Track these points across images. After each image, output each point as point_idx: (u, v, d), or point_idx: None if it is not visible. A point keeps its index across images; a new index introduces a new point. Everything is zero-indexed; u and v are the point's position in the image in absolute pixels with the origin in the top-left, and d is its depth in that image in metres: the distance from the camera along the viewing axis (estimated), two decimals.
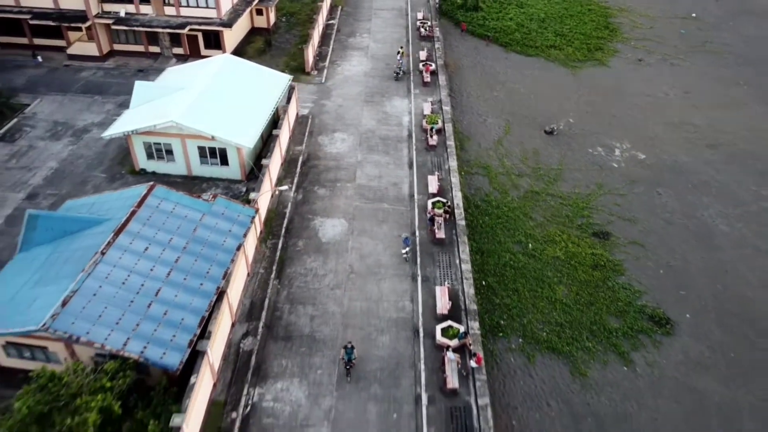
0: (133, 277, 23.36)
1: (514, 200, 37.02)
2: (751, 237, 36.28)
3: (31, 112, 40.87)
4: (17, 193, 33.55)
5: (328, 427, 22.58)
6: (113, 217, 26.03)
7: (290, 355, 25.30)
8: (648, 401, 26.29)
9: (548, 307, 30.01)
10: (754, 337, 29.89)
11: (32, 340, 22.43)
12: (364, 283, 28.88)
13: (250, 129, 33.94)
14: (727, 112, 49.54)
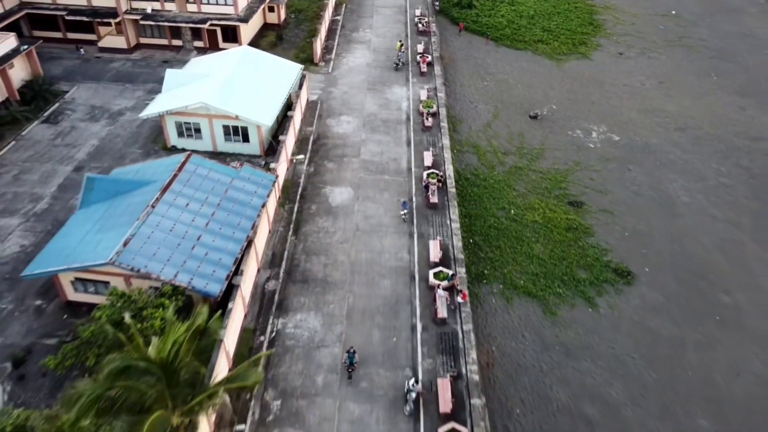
0: (178, 226, 28.30)
1: (499, 174, 41.97)
2: (709, 207, 41.24)
3: (71, 98, 45.81)
4: (66, 166, 38.47)
5: (339, 348, 27.54)
6: (157, 180, 30.96)
7: (307, 294, 30.25)
8: (608, 335, 31.24)
9: (526, 261, 34.97)
10: (705, 289, 34.81)
11: (97, 275, 27.33)
12: (369, 239, 33.83)
13: (268, 110, 38.87)
14: (697, 100, 54.45)
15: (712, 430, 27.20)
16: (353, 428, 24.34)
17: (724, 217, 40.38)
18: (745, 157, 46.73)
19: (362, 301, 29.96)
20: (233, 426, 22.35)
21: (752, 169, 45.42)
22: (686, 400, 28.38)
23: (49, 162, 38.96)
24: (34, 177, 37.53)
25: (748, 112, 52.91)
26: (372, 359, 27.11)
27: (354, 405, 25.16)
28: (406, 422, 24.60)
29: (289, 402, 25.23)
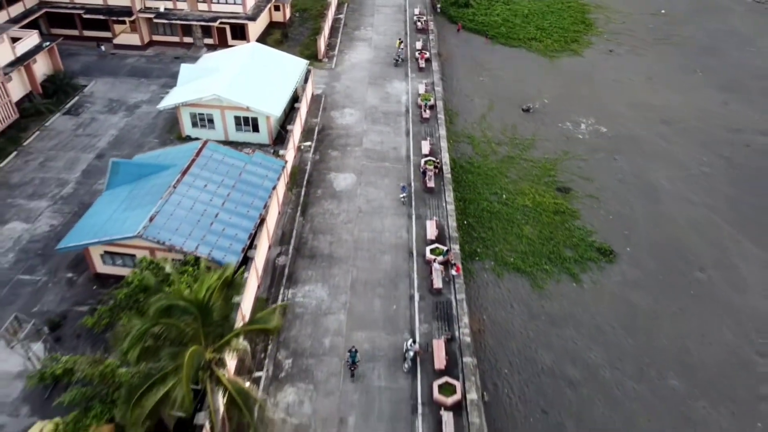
0: (198, 204, 31.11)
1: (492, 162, 44.79)
2: (688, 193, 44.05)
3: (89, 92, 48.62)
4: (88, 154, 41.28)
5: (345, 314, 30.37)
6: (177, 164, 33.76)
7: (314, 268, 33.06)
8: (590, 307, 34.05)
9: (516, 240, 37.78)
10: (681, 266, 37.61)
11: (124, 249, 30.13)
12: (370, 220, 36.65)
13: (277, 102, 41.67)
14: (683, 95, 57.24)
15: (683, 389, 29.98)
16: (358, 384, 27.15)
17: (703, 202, 43.19)
18: (726, 149, 49.51)
19: (365, 274, 32.79)
20: (251, 374, 25.13)
21: (732, 159, 48.21)
22: (660, 364, 31.17)
23: (73, 150, 41.77)
24: (59, 164, 40.34)
25: (730, 106, 55.70)
26: (374, 324, 29.94)
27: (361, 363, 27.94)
28: (404, 378, 27.43)
29: (299, 360, 28.06)
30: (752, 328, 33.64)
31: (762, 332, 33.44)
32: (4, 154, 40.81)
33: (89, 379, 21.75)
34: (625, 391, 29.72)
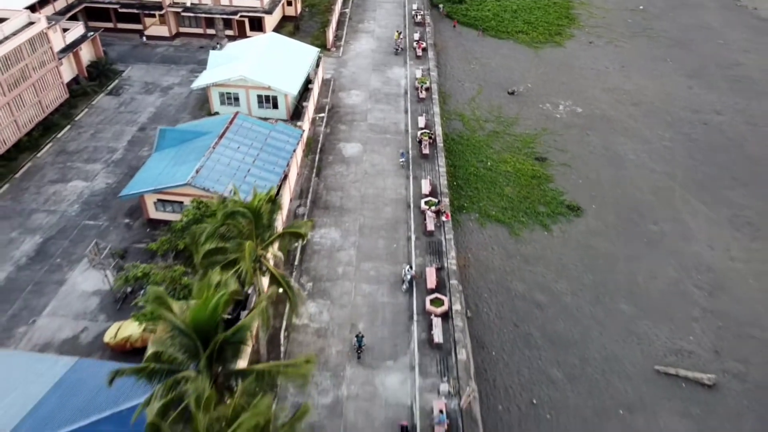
0: (233, 162, 37.87)
1: (480, 136, 51.58)
2: (650, 163, 50.80)
3: (127, 76, 55.41)
4: (131, 127, 48.06)
5: (354, 250, 37.16)
6: (213, 131, 40.49)
7: (328, 216, 39.85)
8: (558, 250, 40.82)
9: (498, 198, 44.57)
10: (638, 220, 44.33)
11: (174, 196, 36.83)
12: (374, 180, 43.44)
13: (294, 82, 48.39)
14: (653, 81, 63.98)
15: (630, 311, 36.74)
16: (366, 299, 33.96)
17: (661, 170, 49.96)
18: (686, 126, 56.28)
19: (370, 221, 39.59)
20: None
21: (690, 135, 54.98)
22: (613, 293, 37.94)
23: (117, 124, 48.55)
24: (108, 135, 47.12)
25: (694, 90, 62.47)
26: (378, 257, 36.75)
27: (366, 285, 34.78)
28: (403, 296, 34.23)
29: (318, 284, 34.84)
30: (692, 267, 40.43)
31: (700, 271, 40.21)
32: (60, 127, 47.58)
33: (160, 281, 28.49)
34: (582, 312, 36.52)
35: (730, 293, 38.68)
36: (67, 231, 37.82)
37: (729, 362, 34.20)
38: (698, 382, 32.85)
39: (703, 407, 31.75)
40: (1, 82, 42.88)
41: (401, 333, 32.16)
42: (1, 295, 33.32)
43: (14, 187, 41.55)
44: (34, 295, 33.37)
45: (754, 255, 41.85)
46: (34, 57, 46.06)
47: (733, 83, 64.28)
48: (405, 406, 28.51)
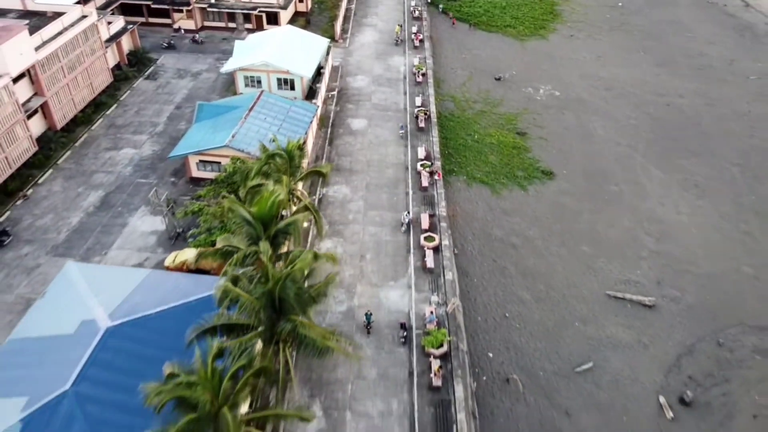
0: (261, 129, 45.72)
1: (469, 114, 59.47)
2: (616, 137, 58.67)
3: (161, 63, 63.29)
4: (169, 106, 55.93)
5: (362, 202, 45.05)
6: (243, 106, 48.34)
7: (340, 176, 47.70)
8: (532, 205, 48.68)
9: (483, 164, 52.45)
10: (601, 182, 52.16)
11: (213, 157, 44.68)
12: (378, 147, 51.33)
13: (308, 67, 56.17)
14: (625, 69, 71.83)
15: (590, 252, 44.57)
16: (372, 238, 41.83)
17: (625, 143, 57.84)
18: (651, 107, 64.15)
19: (375, 180, 47.47)
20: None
21: (654, 114, 62.86)
22: (576, 238, 45.79)
23: (157, 103, 56.44)
24: (149, 112, 55.01)
25: (661, 77, 70.33)
26: (382, 207, 44.65)
27: (372, 227, 42.67)
28: (402, 235, 42.12)
29: (333, 227, 42.70)
30: (644, 219, 48.29)
31: (651, 222, 48.05)
32: (108, 106, 55.47)
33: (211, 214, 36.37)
34: (549, 251, 44.40)
35: (675, 239, 46.55)
36: (124, 187, 45.72)
37: (667, 290, 42.10)
38: (641, 304, 40.74)
39: (643, 322, 39.63)
40: (63, 65, 50.72)
41: (401, 262, 40.06)
42: (77, 234, 41.20)
43: (75, 153, 49.44)
44: (103, 234, 41.26)
45: (698, 210, 49.77)
46: (87, 45, 53.91)
47: (696, 71, 72.17)
48: (403, 312, 36.40)
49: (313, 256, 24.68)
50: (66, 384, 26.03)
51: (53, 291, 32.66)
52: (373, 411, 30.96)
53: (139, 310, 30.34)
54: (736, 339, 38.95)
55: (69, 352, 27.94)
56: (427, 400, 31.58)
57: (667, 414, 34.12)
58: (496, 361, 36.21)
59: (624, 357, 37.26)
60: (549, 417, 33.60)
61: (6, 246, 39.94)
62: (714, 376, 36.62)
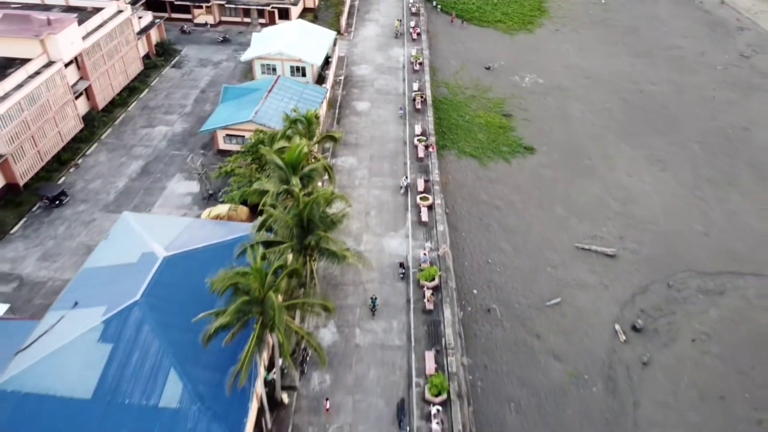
0: (279, 108, 52.77)
1: (461, 99, 66.62)
2: (592, 119, 65.82)
3: (185, 54, 70.44)
4: (194, 90, 63.07)
5: (367, 170, 52.17)
6: (262, 89, 55.47)
7: (347, 149, 54.84)
8: (515, 175, 55.81)
9: (472, 141, 59.60)
10: (576, 157, 59.29)
11: (238, 131, 51.78)
12: (380, 125, 58.49)
13: (318, 56, 63.30)
14: (604, 60, 78.93)
15: (563, 213, 51.71)
16: (375, 198, 48.97)
17: (600, 124, 64.97)
18: (625, 93, 71.27)
19: (377, 152, 54.62)
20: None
21: (627, 99, 69.99)
22: (552, 202, 52.90)
23: (184, 88, 63.59)
24: (178, 95, 62.15)
25: (636, 67, 77.46)
26: (383, 174, 51.80)
27: (375, 190, 49.80)
28: (401, 196, 49.25)
29: (342, 190, 49.71)
30: (612, 187, 55.42)
31: (618, 189, 55.14)
32: (140, 90, 62.63)
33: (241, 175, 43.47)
34: (528, 212, 51.54)
35: (638, 204, 53.70)
36: (160, 158, 52.85)
37: (628, 243, 49.26)
38: (604, 254, 47.88)
39: (605, 268, 46.78)
40: (104, 54, 57.87)
41: (400, 217, 47.23)
42: (124, 195, 48.31)
43: (115, 130, 56.58)
44: (146, 195, 48.39)
45: (660, 180, 56.92)
46: (122, 36, 61.06)
47: (670, 62, 79.31)
48: (402, 256, 43.55)
49: (330, 191, 31.82)
50: (136, 296, 33.02)
51: (114, 233, 39.76)
52: (377, 329, 38.14)
53: (187, 246, 37.38)
54: (683, 282, 46.13)
55: (135, 274, 35.02)
56: (421, 320, 38.75)
57: (620, 337, 41.26)
58: (479, 296, 43.38)
59: (587, 295, 44.42)
60: (522, 338, 40.76)
61: (65, 204, 47.08)
62: (662, 309, 43.78)
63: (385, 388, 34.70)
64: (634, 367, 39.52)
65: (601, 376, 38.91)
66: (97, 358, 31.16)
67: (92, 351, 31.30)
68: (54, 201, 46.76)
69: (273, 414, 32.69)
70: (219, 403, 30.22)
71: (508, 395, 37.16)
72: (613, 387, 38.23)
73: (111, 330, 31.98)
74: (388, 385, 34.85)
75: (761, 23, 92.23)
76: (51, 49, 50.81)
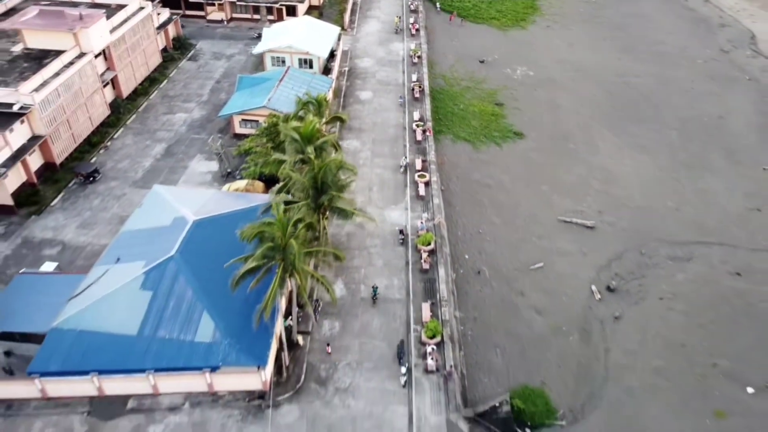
0: (290, 95, 57.98)
1: (456, 89, 71.83)
2: (578, 108, 71.00)
3: (199, 48, 75.65)
4: (210, 81, 68.26)
5: (369, 151, 57.36)
6: (274, 78, 60.68)
7: (352, 133, 60.03)
8: (505, 158, 60.98)
9: (466, 127, 64.81)
10: (562, 142, 64.48)
11: (253, 116, 56.95)
12: (381, 112, 63.72)
13: (324, 49, 68.52)
14: (592, 54, 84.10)
15: (548, 191, 56.84)
16: (377, 176, 54.13)
17: (586, 113, 70.14)
18: (611, 85, 76.44)
19: (379, 137, 59.83)
20: None
21: (612, 91, 75.16)
22: (538, 182, 58.03)
23: (200, 79, 68.80)
24: (195, 85, 67.36)
25: (622, 61, 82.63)
26: (385, 155, 57.01)
27: (378, 169, 54.99)
28: (401, 175, 54.45)
29: None
30: (595, 169, 60.57)
31: (600, 171, 60.24)
32: (160, 81, 67.84)
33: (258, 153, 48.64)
34: (516, 190, 56.69)
35: (617, 183, 58.87)
36: (182, 141, 58.04)
37: (606, 217, 54.40)
38: (584, 226, 53.02)
39: (585, 238, 51.91)
40: (128, 47, 63.06)
41: (400, 192, 52.44)
42: (151, 173, 53.44)
43: (139, 116, 61.77)
44: (171, 173, 53.54)
45: (639, 163, 62.08)
46: (144, 31, 66.26)
47: (654, 56, 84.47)
48: (401, 224, 48.73)
49: (341, 159, 37.04)
50: (171, 252, 38.21)
51: (147, 202, 44.99)
52: (380, 284, 43.31)
53: (213, 212, 42.59)
54: (654, 250, 51.29)
55: (169, 235, 40.21)
56: (419, 278, 43.97)
57: (596, 296, 46.39)
58: (470, 261, 48.55)
59: (567, 261, 49.56)
60: (508, 296, 45.93)
61: (98, 181, 52.26)
62: (634, 273, 48.93)
63: (387, 333, 39.90)
64: (607, 321, 44.62)
65: (577, 328, 44.05)
66: (140, 302, 36.40)
67: (135, 297, 36.55)
68: (88, 178, 51.94)
69: (290, 353, 37.84)
70: (246, 339, 35.51)
71: (494, 342, 42.31)
72: (587, 337, 43.37)
73: (150, 280, 37.22)
74: (390, 331, 40.05)
75: (742, 20, 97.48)
76: (83, 41, 55.98)
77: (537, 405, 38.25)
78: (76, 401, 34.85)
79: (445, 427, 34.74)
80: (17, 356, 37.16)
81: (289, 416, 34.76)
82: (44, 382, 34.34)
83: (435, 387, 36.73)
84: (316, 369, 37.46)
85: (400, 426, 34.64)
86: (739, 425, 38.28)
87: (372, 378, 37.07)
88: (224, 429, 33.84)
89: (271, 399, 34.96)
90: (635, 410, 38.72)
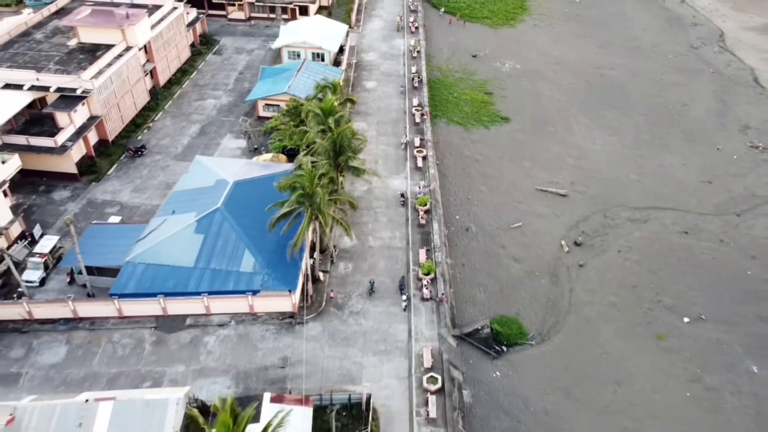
0: (307, 83, 67.33)
1: (451, 80, 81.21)
2: (558, 96, 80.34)
3: (223, 44, 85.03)
4: (234, 72, 77.65)
5: (375, 131, 66.76)
6: (292, 69, 70.01)
7: (359, 116, 69.36)
8: (492, 138, 70.40)
9: (459, 112, 74.19)
10: (544, 125, 73.85)
11: (275, 101, 66.29)
12: (384, 99, 73.11)
13: (334, 44, 77.88)
14: (573, 49, 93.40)
15: (528, 165, 66.23)
16: (381, 152, 63.50)
17: (564, 100, 79.50)
18: (588, 76, 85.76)
19: (383, 119, 69.23)
20: None
21: (589, 81, 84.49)
22: (521, 158, 67.37)
23: (225, 70, 78.22)
24: (221, 76, 76.75)
25: (600, 55, 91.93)
26: (388, 135, 66.40)
27: (381, 146, 64.40)
28: (402, 151, 63.84)
29: None
30: (570, 147, 69.95)
31: (574, 149, 69.65)
32: (190, 72, 77.21)
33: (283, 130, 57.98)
34: (501, 164, 66.10)
35: (589, 159, 68.24)
36: (213, 123, 67.43)
37: (578, 187, 63.76)
38: (558, 194, 62.38)
39: (558, 203, 61.27)
40: (164, 42, 72.43)
41: (401, 164, 61.86)
42: (189, 149, 62.80)
43: (175, 102, 71.16)
44: (206, 149, 62.88)
45: (608, 143, 71.45)
46: (177, 28, 75.60)
47: (629, 51, 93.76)
48: (402, 190, 58.14)
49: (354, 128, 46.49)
50: (218, 204, 47.62)
51: (192, 169, 54.35)
52: (385, 236, 52.72)
53: (248, 175, 52.00)
54: (616, 213, 60.65)
55: (214, 192, 49.59)
56: (417, 231, 53.37)
57: (564, 249, 55.74)
58: (460, 220, 57.95)
59: (542, 222, 58.93)
60: (491, 248, 55.31)
61: (144, 155, 61.61)
62: (598, 231, 58.30)
63: (391, 272, 49.31)
64: (573, 267, 53.99)
65: (547, 273, 53.44)
66: (195, 242, 45.82)
67: (190, 238, 45.98)
68: (137, 152, 61.32)
69: (314, 286, 47.21)
70: (280, 271, 44.98)
71: (479, 283, 51.72)
72: (555, 280, 52.77)
73: (202, 226, 46.63)
74: (393, 270, 49.46)
75: (714, 20, 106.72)
76: (129, 37, 65.33)
77: (512, 329, 47.65)
78: (145, 319, 44.20)
79: (437, 339, 44.10)
80: (94, 287, 46.58)
81: (314, 330, 44.18)
82: (121, 303, 43.70)
83: (429, 311, 46.12)
84: (334, 298, 46.87)
85: (402, 338, 44.04)
86: (675, 345, 47.71)
87: (379, 304, 46.49)
88: (263, 339, 43.23)
89: (304, 317, 44.36)
90: (591, 333, 48.17)
